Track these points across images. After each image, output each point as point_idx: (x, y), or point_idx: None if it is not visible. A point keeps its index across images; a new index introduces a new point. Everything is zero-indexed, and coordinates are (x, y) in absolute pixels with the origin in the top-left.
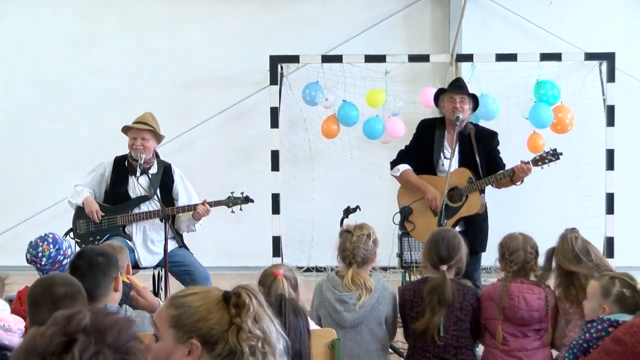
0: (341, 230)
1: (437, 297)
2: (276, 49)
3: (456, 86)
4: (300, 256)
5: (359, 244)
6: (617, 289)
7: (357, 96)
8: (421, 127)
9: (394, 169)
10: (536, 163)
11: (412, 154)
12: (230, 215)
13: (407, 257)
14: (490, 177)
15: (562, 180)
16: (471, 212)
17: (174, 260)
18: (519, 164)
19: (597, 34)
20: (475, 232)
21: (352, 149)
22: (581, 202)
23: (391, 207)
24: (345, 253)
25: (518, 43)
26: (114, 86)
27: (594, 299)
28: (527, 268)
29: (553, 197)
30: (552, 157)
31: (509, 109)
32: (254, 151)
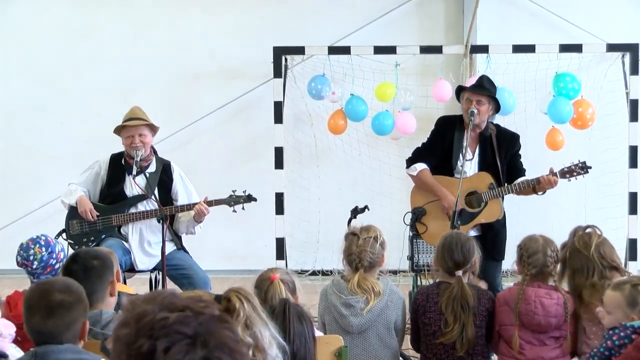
0: (346, 232)
1: (459, 304)
2: (280, 40)
3: (476, 85)
4: (306, 259)
5: (365, 247)
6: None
7: (366, 90)
8: (440, 125)
9: (411, 167)
10: (564, 175)
11: (429, 153)
12: (232, 215)
13: (419, 260)
14: (514, 185)
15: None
16: (491, 219)
17: (172, 264)
18: (546, 174)
19: (620, 24)
20: (494, 238)
21: (361, 146)
22: (603, 202)
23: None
24: (352, 257)
25: (536, 34)
26: (111, 79)
27: (618, 311)
28: (545, 272)
29: (573, 197)
30: (581, 171)
31: (527, 104)
32: (257, 148)
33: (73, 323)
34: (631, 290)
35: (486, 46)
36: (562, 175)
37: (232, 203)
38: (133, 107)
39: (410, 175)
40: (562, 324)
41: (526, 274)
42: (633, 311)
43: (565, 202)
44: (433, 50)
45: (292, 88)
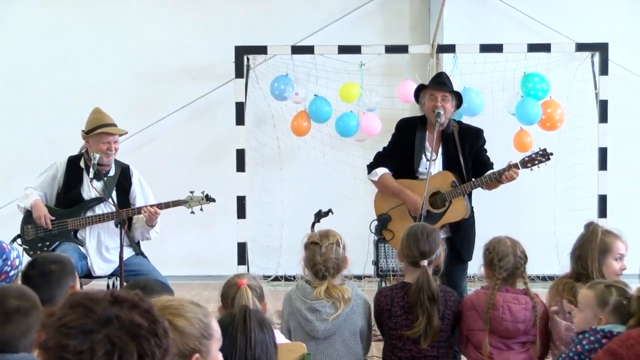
0: (306, 242)
1: (425, 295)
2: (242, 39)
3: (437, 82)
4: (268, 264)
5: (329, 255)
6: (614, 298)
7: (330, 90)
8: (400, 127)
9: (372, 172)
10: (525, 165)
11: (391, 157)
12: (192, 220)
13: (384, 265)
14: (475, 180)
15: (551, 181)
16: (456, 218)
17: (131, 269)
18: (506, 167)
19: (589, 23)
20: (462, 238)
21: (325, 148)
22: (572, 205)
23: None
24: (317, 267)
25: (504, 33)
26: (70, 80)
27: (588, 309)
28: (516, 274)
29: (542, 200)
30: (542, 158)
31: (494, 104)
32: (219, 150)
33: (29, 330)
34: (603, 289)
35: (453, 45)
36: (524, 165)
37: (190, 204)
38: (98, 110)
39: (371, 181)
40: (530, 328)
41: (498, 278)
42: (602, 311)
43: (534, 206)
44: (399, 49)
45: (254, 88)
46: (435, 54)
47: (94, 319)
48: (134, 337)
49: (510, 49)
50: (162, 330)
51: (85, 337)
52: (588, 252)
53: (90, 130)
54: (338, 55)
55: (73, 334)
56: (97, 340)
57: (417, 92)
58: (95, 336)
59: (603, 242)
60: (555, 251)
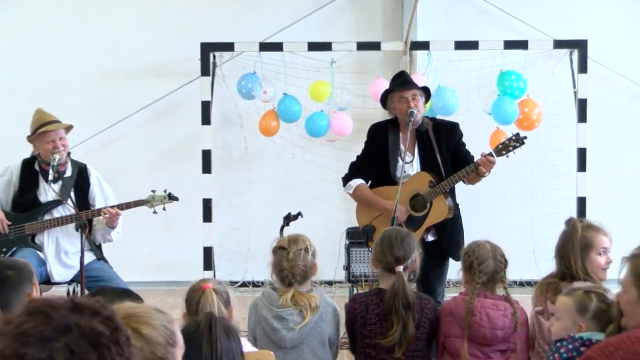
0: (274, 247)
1: (400, 302)
2: (208, 36)
3: (402, 82)
4: (235, 269)
5: (297, 261)
6: (595, 304)
7: (300, 89)
8: (372, 133)
9: (347, 185)
10: (500, 152)
11: (365, 165)
12: (156, 223)
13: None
14: (452, 177)
15: (528, 183)
16: (439, 219)
17: (91, 275)
18: (480, 157)
19: (568, 19)
20: (449, 238)
21: (294, 148)
22: (550, 208)
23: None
24: (284, 273)
25: (480, 29)
26: (31, 78)
27: (567, 317)
28: (496, 279)
29: (519, 203)
30: (516, 143)
31: (470, 103)
32: (184, 151)
33: None
34: (582, 296)
35: (427, 42)
36: (498, 153)
37: (152, 203)
38: (40, 110)
39: (348, 193)
40: (510, 336)
41: (477, 282)
42: (582, 318)
43: (510, 209)
44: (371, 46)
45: (220, 87)
46: (409, 51)
47: (52, 326)
48: (95, 345)
49: (486, 46)
50: (124, 339)
51: (44, 345)
52: (570, 250)
53: (32, 134)
54: (308, 53)
55: (31, 342)
56: (56, 348)
57: (384, 97)
58: (54, 344)
59: (584, 237)
60: (532, 255)
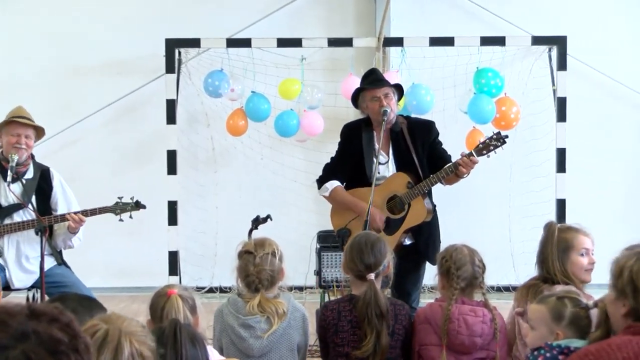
0: (240, 251)
1: (373, 311)
2: (173, 32)
3: (373, 80)
4: (202, 274)
5: (264, 266)
6: (570, 309)
7: (269, 87)
8: (345, 133)
9: (322, 187)
10: (480, 152)
11: (340, 167)
12: (119, 227)
13: (327, 275)
14: (431, 177)
15: (506, 185)
16: (418, 221)
17: (52, 281)
18: (460, 158)
19: (546, 15)
20: (427, 240)
21: (263, 149)
22: (528, 210)
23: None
24: (250, 279)
25: (456, 25)
26: None
27: (542, 325)
28: (474, 285)
29: (496, 205)
30: (497, 142)
31: (445, 102)
32: (148, 151)
33: None
34: (556, 303)
35: (401, 39)
36: (479, 153)
37: (119, 211)
38: (20, 106)
39: (323, 196)
40: (489, 343)
41: (455, 288)
42: (558, 326)
43: (487, 211)
44: (342, 43)
45: (186, 85)
46: (382, 47)
47: (9, 333)
48: (53, 353)
49: (462, 43)
50: (83, 346)
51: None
52: (548, 254)
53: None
54: (277, 49)
55: None
56: (12, 356)
57: (355, 96)
58: (11, 352)
59: (562, 239)
60: (510, 259)
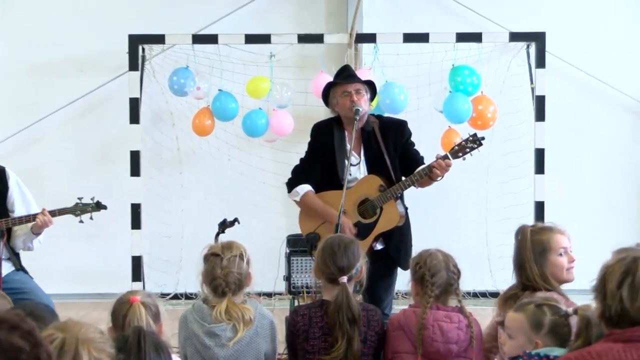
0: (206, 253)
1: (344, 315)
2: (137, 27)
3: (345, 76)
4: (167, 280)
5: (231, 268)
6: (549, 317)
7: (236, 85)
8: (315, 133)
9: (292, 192)
10: (455, 155)
11: (311, 168)
12: (80, 230)
13: (297, 281)
14: (404, 180)
15: (482, 187)
16: (390, 225)
17: (10, 287)
18: (435, 160)
19: (524, 10)
20: (398, 245)
21: (230, 149)
22: (506, 213)
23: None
24: (217, 282)
25: (431, 21)
26: None
27: (520, 334)
28: (449, 291)
29: (471, 208)
30: (474, 145)
31: (419, 101)
32: (111, 152)
33: None
34: (535, 311)
35: (373, 35)
36: (454, 155)
37: (79, 212)
38: None
39: (294, 201)
40: (465, 350)
41: (430, 295)
42: (537, 334)
43: (463, 214)
44: (313, 39)
45: (150, 83)
46: (354, 44)
47: None
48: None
49: (437, 39)
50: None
51: None
52: (525, 260)
53: None
54: (245, 46)
55: None
56: None
57: (326, 93)
58: None
59: (537, 242)
60: (487, 264)
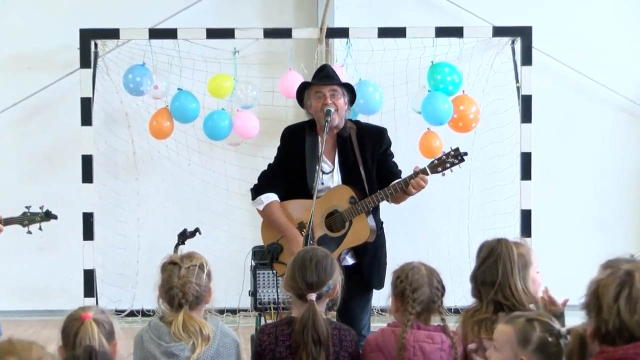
0: (163, 262)
1: (310, 336)
2: (89, 21)
3: (322, 76)
4: (122, 296)
5: (190, 278)
6: (538, 334)
7: (197, 83)
8: (286, 137)
9: (257, 199)
10: (434, 169)
11: (279, 175)
12: (30, 242)
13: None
14: (377, 193)
15: (464, 194)
16: (358, 241)
17: None
18: (412, 174)
19: (509, 3)
20: (371, 263)
21: (191, 153)
22: (489, 222)
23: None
24: (173, 292)
25: (408, 15)
26: None
27: (506, 348)
28: (432, 309)
29: (453, 217)
30: (455, 160)
31: (396, 100)
32: (60, 156)
33: None
34: (525, 325)
35: (346, 29)
36: (433, 169)
37: (27, 222)
38: None
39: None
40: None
41: (410, 313)
42: (524, 350)
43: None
44: (280, 34)
45: (104, 81)
46: (325, 39)
47: None
48: None
49: (414, 34)
50: None
51: None
52: (509, 276)
53: None
54: (206, 41)
55: None
56: None
57: (300, 93)
58: None
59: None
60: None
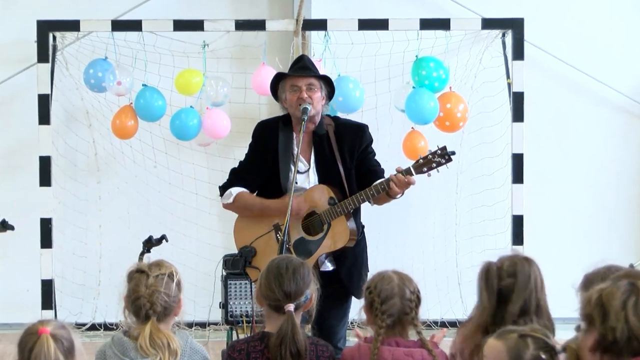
0: (130, 270)
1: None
2: (47, 12)
3: (298, 67)
4: (83, 308)
5: (158, 287)
6: (531, 352)
7: (164, 79)
8: (258, 133)
9: (225, 194)
10: (419, 169)
11: (250, 172)
12: None
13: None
14: (358, 195)
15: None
16: (337, 246)
17: None
18: (395, 173)
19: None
20: (350, 269)
21: (157, 154)
22: (478, 229)
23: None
24: (140, 302)
25: (391, 5)
26: None
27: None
28: (404, 321)
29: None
30: (441, 159)
31: (378, 98)
32: (16, 158)
33: None
34: (517, 341)
35: (324, 21)
36: (418, 169)
37: None
38: None
39: (226, 205)
40: None
41: (380, 326)
42: None
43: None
44: (253, 26)
45: (63, 76)
46: (301, 31)
47: None
48: None
49: (398, 26)
50: None
51: None
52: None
53: None
54: (173, 33)
55: None
56: None
57: (274, 85)
58: None
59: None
60: (457, 289)
